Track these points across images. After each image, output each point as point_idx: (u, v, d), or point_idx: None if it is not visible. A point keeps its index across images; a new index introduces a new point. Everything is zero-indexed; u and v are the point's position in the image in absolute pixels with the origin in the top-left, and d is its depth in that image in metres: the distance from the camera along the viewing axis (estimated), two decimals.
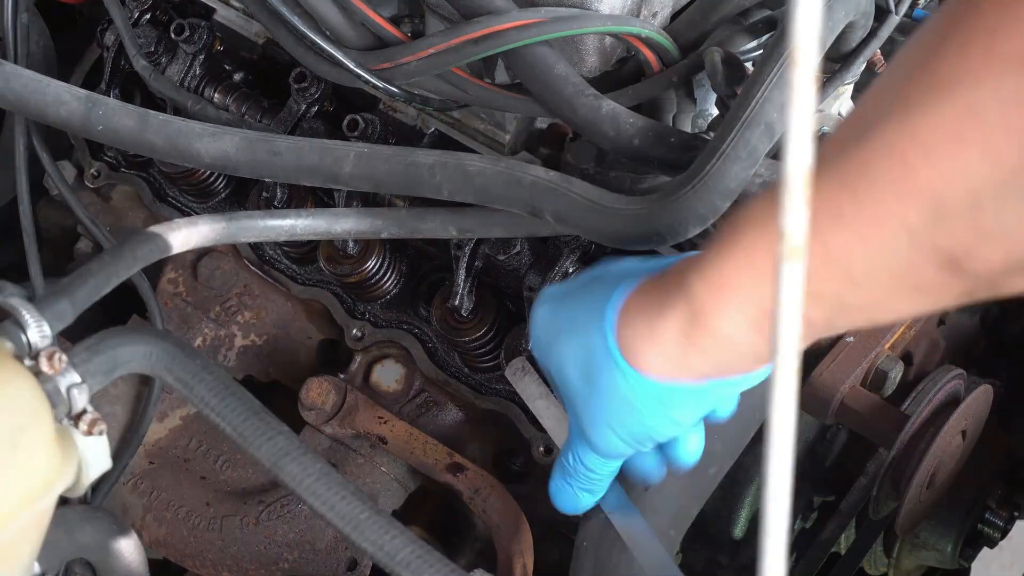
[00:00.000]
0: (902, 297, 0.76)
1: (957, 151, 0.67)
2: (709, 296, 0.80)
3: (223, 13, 1.29)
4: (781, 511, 0.47)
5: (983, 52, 0.67)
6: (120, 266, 0.88)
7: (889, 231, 0.71)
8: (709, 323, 0.81)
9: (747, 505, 1.20)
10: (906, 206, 0.69)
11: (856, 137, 0.71)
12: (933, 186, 0.69)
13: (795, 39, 0.44)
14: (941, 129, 0.68)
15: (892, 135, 0.69)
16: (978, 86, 0.66)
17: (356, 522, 0.81)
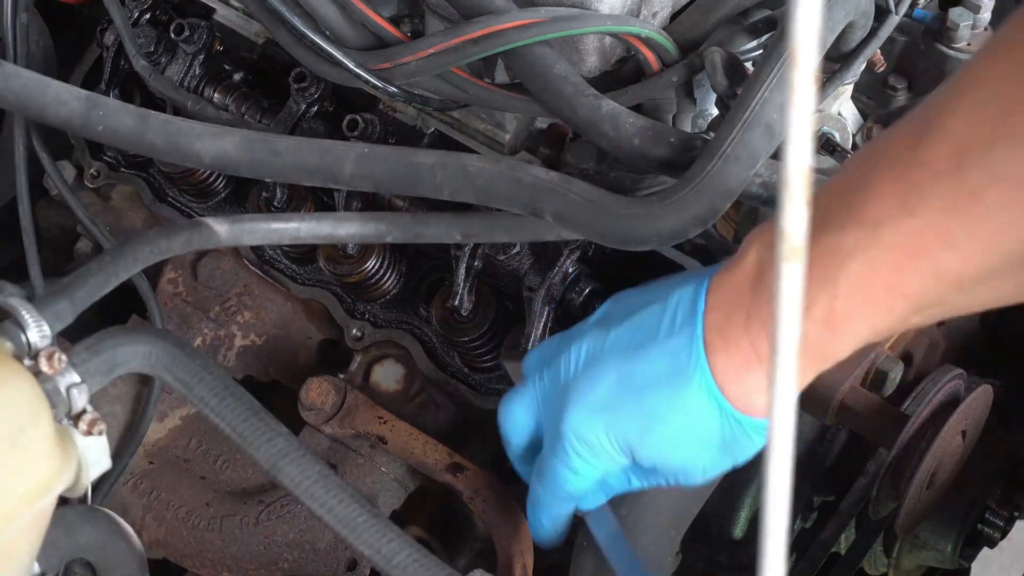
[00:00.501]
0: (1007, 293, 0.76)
1: None
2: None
3: (223, 13, 1.29)
4: (781, 511, 0.47)
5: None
6: (120, 266, 0.88)
7: (1004, 248, 0.72)
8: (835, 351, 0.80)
9: (747, 505, 1.20)
10: (1021, 226, 0.70)
11: (957, 167, 0.71)
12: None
13: (795, 39, 0.44)
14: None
15: (1002, 165, 0.69)
16: None
17: (353, 525, 0.81)
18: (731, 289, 0.84)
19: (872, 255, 0.75)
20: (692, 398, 0.85)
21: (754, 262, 0.83)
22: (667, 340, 0.86)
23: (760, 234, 0.84)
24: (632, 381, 0.87)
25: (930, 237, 0.73)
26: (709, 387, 0.84)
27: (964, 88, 0.73)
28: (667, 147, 0.97)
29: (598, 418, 0.89)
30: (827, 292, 0.77)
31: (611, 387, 0.89)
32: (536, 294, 1.11)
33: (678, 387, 0.85)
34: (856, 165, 0.79)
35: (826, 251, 0.77)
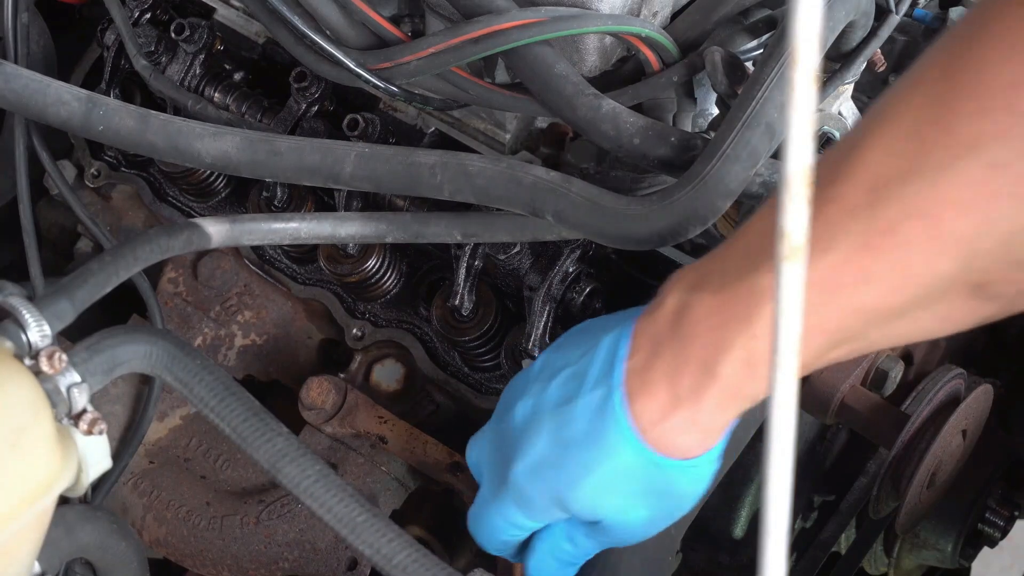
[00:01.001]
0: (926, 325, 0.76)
1: (988, 205, 0.68)
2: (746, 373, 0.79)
3: (223, 13, 1.29)
4: (781, 511, 0.47)
5: (1004, 108, 0.67)
6: (120, 266, 0.88)
7: (921, 282, 0.71)
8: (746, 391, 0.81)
9: (747, 505, 1.20)
10: (939, 260, 0.70)
11: (871, 203, 0.71)
12: (965, 238, 0.69)
13: (795, 39, 0.44)
14: (969, 187, 0.68)
15: (918, 199, 0.69)
16: (1004, 144, 0.67)
17: (353, 525, 0.81)
18: (651, 333, 0.84)
19: None
20: (613, 448, 0.85)
21: (674, 304, 0.83)
22: (591, 392, 0.86)
23: (681, 276, 0.84)
24: (562, 437, 0.88)
25: (847, 273, 0.72)
26: (627, 436, 0.84)
27: (878, 124, 0.73)
28: (667, 147, 0.97)
29: (535, 476, 0.90)
30: (745, 333, 0.78)
31: (546, 444, 0.89)
32: (536, 294, 1.11)
33: (599, 439, 0.85)
34: (772, 206, 0.79)
35: (747, 292, 0.77)
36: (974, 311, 0.75)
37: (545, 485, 0.90)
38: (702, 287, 0.81)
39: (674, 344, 0.82)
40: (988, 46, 0.68)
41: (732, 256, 0.80)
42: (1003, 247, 0.69)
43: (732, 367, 0.79)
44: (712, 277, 0.81)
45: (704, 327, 0.80)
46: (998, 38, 0.68)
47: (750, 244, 0.79)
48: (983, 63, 0.68)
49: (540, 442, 0.90)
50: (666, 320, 0.83)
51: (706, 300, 0.80)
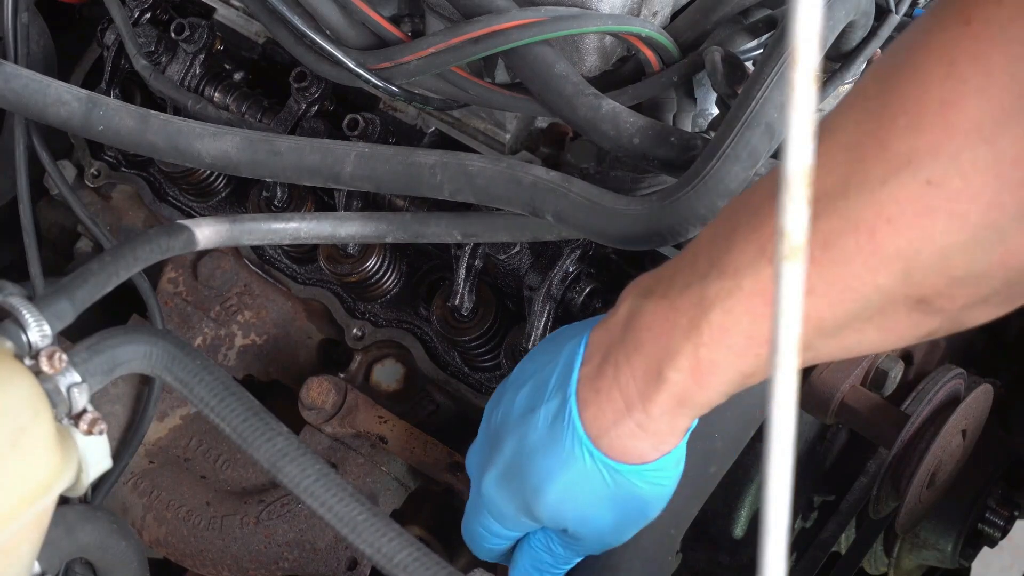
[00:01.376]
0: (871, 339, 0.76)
1: (924, 220, 0.68)
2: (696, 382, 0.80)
3: (223, 12, 1.29)
4: (781, 511, 0.47)
5: (939, 125, 0.67)
6: (120, 266, 0.88)
7: (861, 294, 0.72)
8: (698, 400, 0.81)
9: (747, 505, 1.20)
10: (877, 273, 0.70)
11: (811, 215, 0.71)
12: (903, 253, 0.69)
13: (795, 39, 0.44)
14: (907, 202, 0.68)
15: (855, 212, 0.70)
16: (937, 159, 0.67)
17: (353, 524, 0.81)
18: (603, 340, 0.85)
19: (732, 304, 0.76)
20: (570, 457, 0.86)
21: (625, 311, 0.84)
22: (549, 401, 0.87)
23: (636, 283, 0.85)
24: (524, 446, 0.89)
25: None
26: (583, 443, 0.85)
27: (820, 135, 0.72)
28: (667, 146, 0.97)
29: (502, 483, 0.92)
30: (691, 341, 0.78)
31: (511, 454, 0.91)
32: (536, 293, 1.11)
33: (557, 447, 0.86)
34: (724, 216, 0.80)
35: (692, 300, 0.78)
36: (917, 325, 0.75)
37: (511, 494, 0.91)
38: (652, 294, 0.82)
39: (623, 350, 0.83)
40: (926, 61, 0.68)
41: (682, 264, 0.81)
42: (941, 262, 0.69)
43: (679, 374, 0.79)
44: (662, 284, 0.81)
45: (652, 334, 0.81)
46: (936, 54, 0.68)
47: (698, 253, 0.79)
48: (920, 78, 0.68)
49: (506, 451, 0.91)
50: (617, 327, 0.84)
51: (654, 307, 0.81)
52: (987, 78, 0.66)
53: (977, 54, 0.66)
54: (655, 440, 0.84)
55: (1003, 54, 0.66)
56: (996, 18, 0.66)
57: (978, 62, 0.66)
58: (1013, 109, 0.66)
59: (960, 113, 0.66)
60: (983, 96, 0.66)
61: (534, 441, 0.88)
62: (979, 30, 0.66)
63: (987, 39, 0.66)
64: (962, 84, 0.66)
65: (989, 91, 0.66)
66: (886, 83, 0.70)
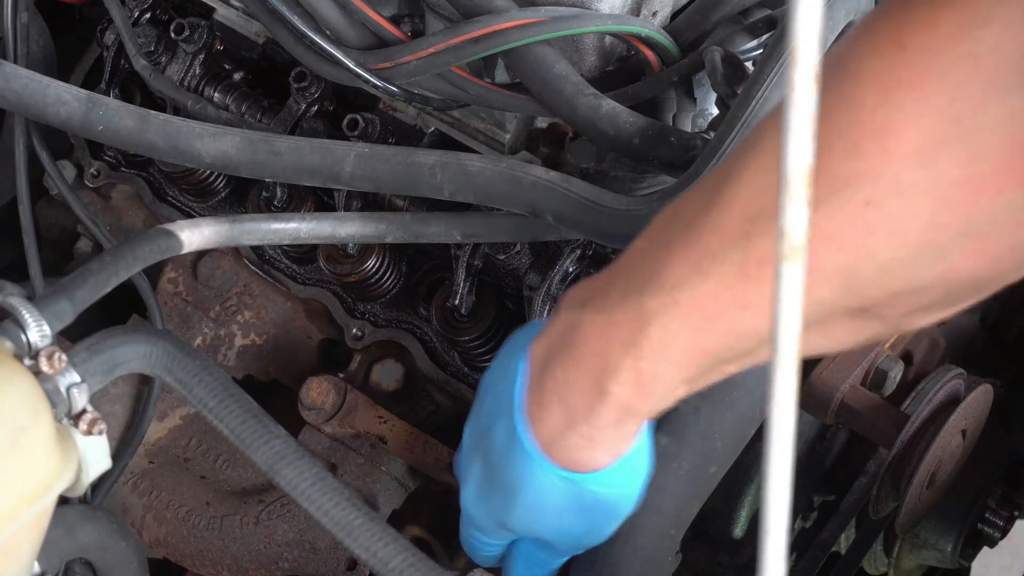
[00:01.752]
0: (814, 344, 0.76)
1: (864, 239, 0.68)
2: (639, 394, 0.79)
3: (223, 12, 1.29)
4: (781, 511, 0.47)
5: (878, 152, 0.67)
6: (120, 266, 0.88)
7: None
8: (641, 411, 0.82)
9: (747, 505, 1.20)
10: (817, 288, 0.70)
11: (746, 234, 0.71)
12: (843, 269, 0.69)
13: (795, 39, 0.44)
14: (845, 222, 0.68)
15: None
16: (877, 182, 0.67)
17: (350, 528, 0.81)
18: (543, 352, 0.85)
19: (670, 318, 0.75)
20: (527, 471, 0.86)
21: (563, 323, 0.83)
22: (504, 416, 0.87)
23: (571, 294, 0.85)
24: (489, 464, 0.90)
25: (725, 299, 0.73)
26: (534, 457, 0.85)
27: (751, 155, 0.73)
28: (667, 146, 0.97)
29: (479, 502, 0.93)
30: (631, 356, 0.78)
31: (479, 470, 0.91)
32: (536, 293, 1.11)
33: (515, 464, 0.86)
34: (658, 227, 0.79)
35: (630, 314, 0.78)
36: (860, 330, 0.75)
37: (487, 510, 0.92)
38: (588, 306, 0.81)
39: (563, 363, 0.82)
40: (861, 86, 0.68)
41: (617, 276, 0.80)
42: (882, 277, 0.70)
43: (622, 387, 0.79)
44: (598, 297, 0.81)
45: (590, 348, 0.80)
46: (870, 78, 0.67)
47: (635, 264, 0.79)
48: (855, 103, 0.68)
49: (475, 468, 0.92)
50: (557, 339, 0.83)
51: (592, 320, 0.80)
52: (923, 104, 0.66)
53: (912, 81, 0.66)
54: (606, 448, 0.84)
55: (938, 80, 0.65)
56: (930, 44, 0.66)
57: (914, 89, 0.66)
58: (951, 133, 0.65)
59: (897, 139, 0.66)
60: (920, 122, 0.66)
61: (495, 459, 0.88)
62: (913, 56, 0.66)
63: (921, 65, 0.66)
64: (898, 111, 0.66)
65: (926, 117, 0.66)
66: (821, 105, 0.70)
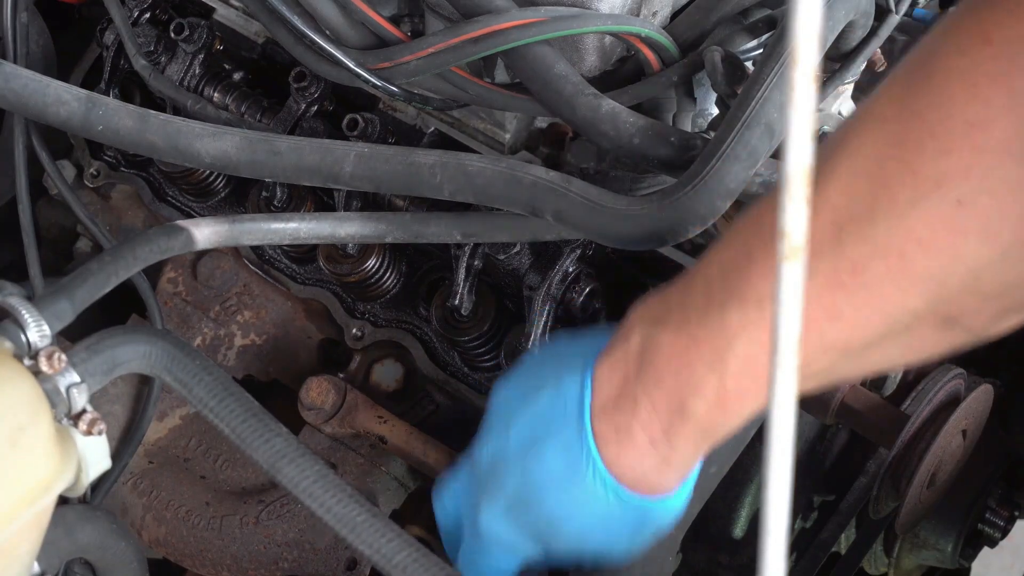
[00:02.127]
0: (896, 355, 0.77)
1: (955, 241, 0.68)
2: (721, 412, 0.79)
3: (223, 12, 1.29)
4: (781, 511, 0.47)
5: (968, 147, 0.67)
6: (120, 266, 0.88)
7: (890, 316, 0.72)
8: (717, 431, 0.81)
9: (747, 505, 1.20)
10: (908, 295, 0.70)
11: (837, 241, 0.71)
12: (933, 273, 0.69)
13: (795, 38, 0.44)
14: (937, 224, 0.68)
15: (884, 237, 0.70)
16: (967, 180, 0.67)
17: (352, 525, 0.81)
18: (616, 372, 0.84)
19: (757, 334, 0.75)
20: (591, 493, 0.85)
21: (638, 342, 0.82)
22: (559, 434, 0.86)
23: (642, 311, 0.84)
24: (533, 480, 0.88)
25: (814, 311, 0.72)
26: (605, 480, 0.84)
27: (838, 160, 0.72)
28: (667, 146, 0.97)
29: (509, 517, 0.91)
30: (717, 372, 0.77)
31: (516, 488, 0.89)
32: (536, 293, 1.11)
33: (576, 484, 0.85)
34: (736, 239, 0.79)
35: (714, 331, 0.77)
36: (944, 340, 0.75)
37: (520, 528, 0.90)
38: (665, 324, 0.80)
39: (642, 385, 0.82)
40: (948, 83, 0.68)
41: (694, 291, 0.80)
42: (973, 281, 0.69)
43: (704, 407, 0.79)
44: (675, 313, 0.80)
45: (672, 368, 0.80)
46: (958, 75, 0.67)
47: (711, 279, 0.78)
48: (944, 101, 0.68)
49: (509, 486, 0.90)
50: (632, 359, 0.83)
51: (671, 339, 0.80)
52: (1011, 97, 0.66)
53: (1000, 74, 0.66)
54: (679, 471, 0.85)
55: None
56: (1017, 36, 0.66)
57: (1002, 82, 0.66)
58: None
59: (987, 133, 0.66)
60: (1010, 115, 0.66)
61: (545, 475, 0.87)
62: (1000, 50, 0.66)
63: (1008, 58, 0.66)
64: (987, 105, 0.66)
65: (1015, 110, 0.66)
66: (906, 106, 0.70)
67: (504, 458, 0.90)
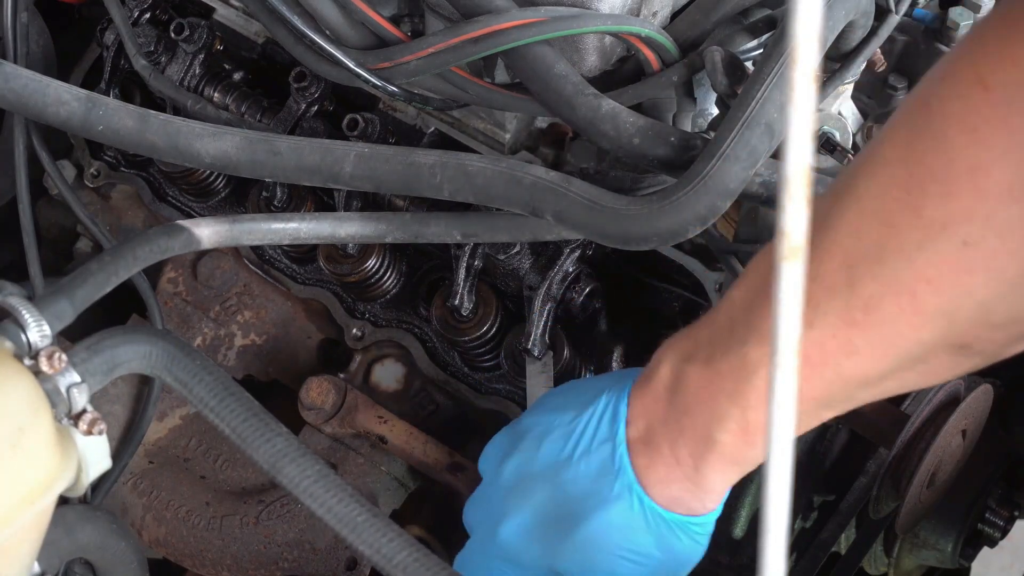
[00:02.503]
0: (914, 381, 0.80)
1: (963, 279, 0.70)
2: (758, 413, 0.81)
3: (223, 12, 1.29)
4: (781, 511, 0.47)
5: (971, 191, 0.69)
6: (120, 266, 0.88)
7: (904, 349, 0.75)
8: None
9: (747, 505, 1.20)
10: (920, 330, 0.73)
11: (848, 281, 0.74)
12: (944, 309, 0.72)
13: (795, 38, 0.44)
14: (944, 264, 0.70)
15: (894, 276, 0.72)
16: (972, 222, 0.69)
17: (353, 524, 0.81)
18: (649, 401, 0.87)
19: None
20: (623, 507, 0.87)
21: (668, 374, 0.86)
22: (593, 455, 0.89)
23: (673, 345, 0.87)
24: (561, 496, 0.90)
25: (831, 347, 0.75)
26: (638, 495, 0.87)
27: (846, 204, 0.75)
28: (667, 146, 0.97)
29: (530, 534, 0.92)
30: (739, 405, 0.81)
31: (541, 503, 0.91)
32: (536, 293, 1.11)
33: (608, 499, 0.88)
34: (753, 279, 0.82)
35: (735, 366, 0.81)
36: (958, 366, 0.77)
37: (540, 543, 0.91)
38: (694, 358, 0.84)
39: (672, 414, 0.85)
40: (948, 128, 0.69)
41: (719, 327, 0.83)
42: (982, 313, 0.72)
43: (729, 436, 0.82)
44: (702, 349, 0.84)
45: (698, 399, 0.83)
46: (958, 120, 0.69)
47: (734, 315, 0.82)
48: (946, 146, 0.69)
49: (534, 500, 0.91)
50: (663, 390, 0.86)
51: (698, 372, 0.83)
52: (1011, 140, 0.67)
53: (999, 119, 0.67)
54: (705, 497, 0.87)
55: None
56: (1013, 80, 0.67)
57: (1000, 126, 0.67)
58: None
59: (990, 177, 0.68)
60: (1010, 159, 0.67)
61: (575, 492, 0.89)
62: (998, 96, 0.68)
63: (1006, 102, 0.67)
64: (988, 150, 0.68)
65: (1015, 153, 0.67)
66: (910, 151, 0.72)
67: (534, 474, 0.92)
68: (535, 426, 0.94)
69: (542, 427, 0.93)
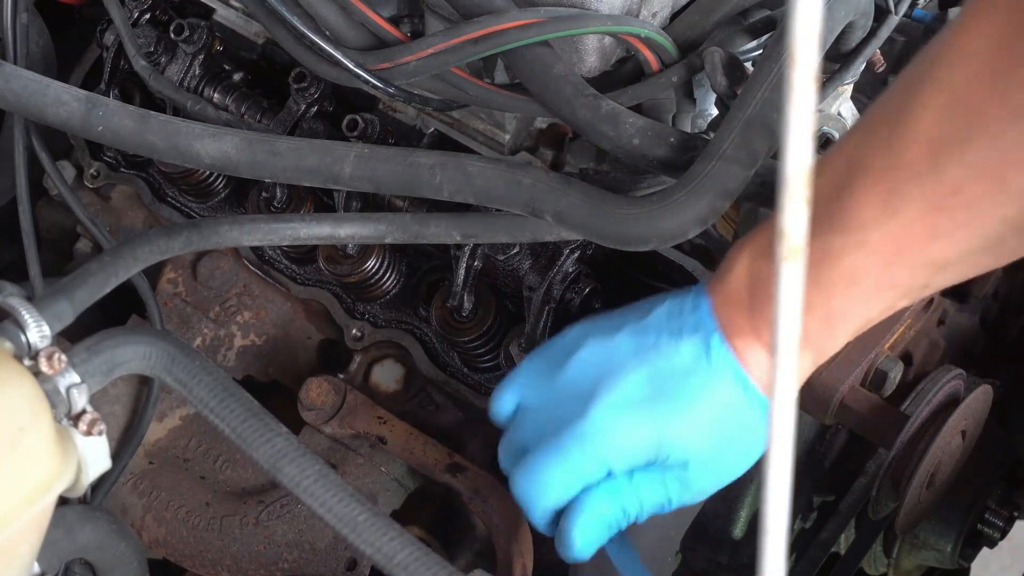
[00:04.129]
0: (984, 264, 0.83)
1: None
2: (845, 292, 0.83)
3: (222, 13, 1.29)
4: (781, 511, 0.47)
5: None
6: (120, 266, 0.88)
7: (987, 230, 0.78)
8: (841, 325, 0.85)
9: (747, 505, 1.20)
10: (1003, 209, 0.76)
11: (934, 167, 0.77)
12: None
13: (795, 39, 0.44)
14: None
15: (980, 159, 0.75)
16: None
17: (354, 524, 0.81)
18: (729, 294, 0.88)
19: (861, 256, 0.81)
20: (724, 385, 0.88)
21: (744, 272, 0.87)
22: (688, 336, 0.89)
23: (743, 245, 0.88)
24: (657, 374, 0.90)
25: (917, 232, 0.79)
26: (738, 373, 0.88)
27: (928, 95, 0.78)
28: (667, 147, 0.97)
29: (624, 413, 0.90)
30: (823, 293, 0.83)
31: (639, 385, 0.90)
32: (536, 294, 1.11)
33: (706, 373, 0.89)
34: (830, 169, 0.83)
35: (817, 255, 0.80)
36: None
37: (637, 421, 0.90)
38: (768, 255, 0.85)
39: (756, 306, 0.87)
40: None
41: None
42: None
43: (813, 323, 0.84)
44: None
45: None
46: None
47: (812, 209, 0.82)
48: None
49: (628, 380, 0.90)
50: (742, 287, 0.87)
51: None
52: None
53: None
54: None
55: None
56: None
57: None
58: None
59: None
60: None
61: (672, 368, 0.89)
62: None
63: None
64: None
65: None
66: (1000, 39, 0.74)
67: (618, 360, 0.91)
68: (592, 331, 0.93)
69: (612, 322, 0.93)
